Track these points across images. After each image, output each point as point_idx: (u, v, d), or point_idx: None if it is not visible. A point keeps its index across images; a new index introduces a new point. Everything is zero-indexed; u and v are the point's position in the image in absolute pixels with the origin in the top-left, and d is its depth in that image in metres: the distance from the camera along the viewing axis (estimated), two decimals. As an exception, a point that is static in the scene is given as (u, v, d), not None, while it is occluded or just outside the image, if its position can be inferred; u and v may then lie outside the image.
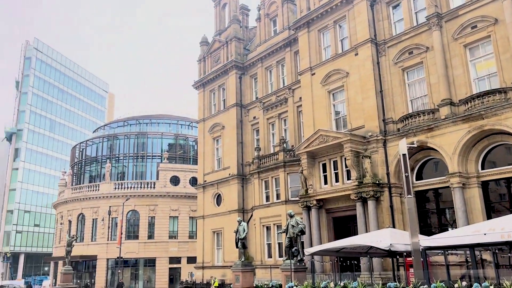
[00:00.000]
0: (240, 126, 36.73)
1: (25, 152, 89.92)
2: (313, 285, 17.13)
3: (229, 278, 31.77)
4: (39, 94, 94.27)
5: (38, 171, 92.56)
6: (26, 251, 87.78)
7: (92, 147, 60.80)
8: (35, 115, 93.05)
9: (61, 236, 56.23)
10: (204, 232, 37.67)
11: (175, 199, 52.87)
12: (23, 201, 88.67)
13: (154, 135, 58.59)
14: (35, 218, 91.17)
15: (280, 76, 34.95)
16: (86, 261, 52.41)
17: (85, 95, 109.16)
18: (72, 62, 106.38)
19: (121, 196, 50.73)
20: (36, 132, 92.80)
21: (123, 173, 57.27)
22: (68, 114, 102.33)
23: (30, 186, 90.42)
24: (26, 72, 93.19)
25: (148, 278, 51.37)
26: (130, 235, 51.27)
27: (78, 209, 54.15)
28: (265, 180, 31.65)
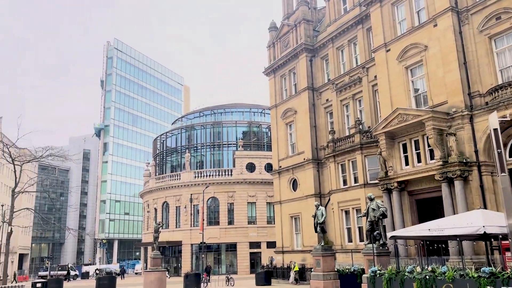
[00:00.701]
0: (313, 110, 36.21)
1: (112, 146, 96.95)
2: (397, 270, 16.48)
3: (309, 262, 31.80)
4: (121, 91, 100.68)
5: (125, 163, 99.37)
6: (119, 238, 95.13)
7: (171, 138, 63.79)
8: (119, 111, 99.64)
9: (148, 223, 60.05)
10: (282, 217, 37.97)
11: (252, 185, 53.87)
12: (113, 191, 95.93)
13: (228, 124, 59.94)
14: (125, 207, 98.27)
15: (352, 55, 33.78)
16: (172, 247, 55.50)
17: (162, 89, 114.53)
18: (148, 59, 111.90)
19: (201, 184, 52.78)
20: (120, 127, 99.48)
21: (201, 161, 59.48)
22: (148, 108, 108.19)
23: (118, 177, 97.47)
24: (109, 71, 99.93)
25: (230, 262, 53.18)
26: (211, 221, 53.29)
27: (162, 198, 57.34)
28: (341, 163, 30.99)
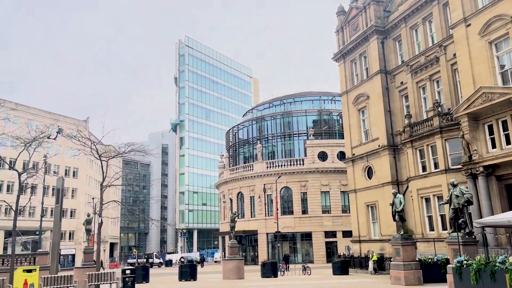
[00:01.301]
0: (387, 94, 34.75)
1: (188, 140, 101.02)
2: (487, 260, 15.34)
3: (388, 252, 30.78)
4: (194, 86, 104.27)
5: (200, 156, 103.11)
6: (198, 227, 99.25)
7: (243, 130, 64.91)
8: (193, 106, 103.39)
9: (224, 213, 61.90)
10: (357, 206, 37.10)
11: (325, 174, 53.22)
12: (191, 183, 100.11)
13: (298, 113, 59.61)
14: (202, 198, 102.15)
15: (427, 34, 31.81)
16: (248, 236, 56.74)
17: (232, 83, 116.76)
18: (218, 53, 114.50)
19: (273, 174, 53.18)
20: (195, 121, 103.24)
21: (273, 152, 59.89)
22: (219, 102, 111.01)
23: (195, 169, 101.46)
24: (181, 68, 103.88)
25: (306, 251, 53.19)
26: (285, 211, 53.59)
27: (236, 188, 58.72)
28: (419, 148, 29.46)
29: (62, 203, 22.88)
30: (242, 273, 29.61)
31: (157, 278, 33.20)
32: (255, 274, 33.17)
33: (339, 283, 24.19)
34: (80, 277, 21.32)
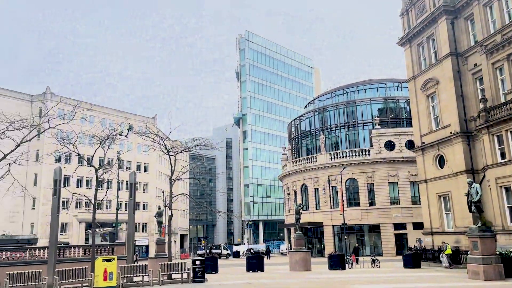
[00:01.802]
0: (458, 78, 32.62)
1: (251, 133, 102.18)
2: None
3: (463, 244, 29.10)
4: (255, 80, 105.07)
5: (263, 148, 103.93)
6: (263, 219, 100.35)
7: (305, 121, 64.33)
8: (254, 99, 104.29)
9: (289, 205, 61.93)
10: (429, 196, 35.36)
11: (392, 165, 51.32)
12: (255, 176, 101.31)
13: (362, 102, 57.90)
14: (266, 190, 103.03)
15: (504, 10, 29.33)
16: (314, 228, 56.32)
17: (293, 74, 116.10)
18: (278, 46, 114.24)
19: (338, 166, 52.23)
20: (257, 114, 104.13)
21: (336, 143, 58.80)
22: (281, 95, 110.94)
23: (258, 162, 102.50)
24: (242, 63, 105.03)
25: (374, 244, 51.79)
26: (351, 203, 52.48)
27: (300, 180, 58.44)
28: (497, 134, 27.37)
29: (135, 197, 24.13)
30: (309, 265, 29.46)
31: (225, 269, 34.03)
32: (322, 266, 32.87)
33: (411, 277, 23.25)
34: (154, 267, 22.37)
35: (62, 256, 25.89)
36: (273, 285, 18.82)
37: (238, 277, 24.55)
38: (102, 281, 18.80)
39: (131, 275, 20.84)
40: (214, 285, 19.57)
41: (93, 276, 19.30)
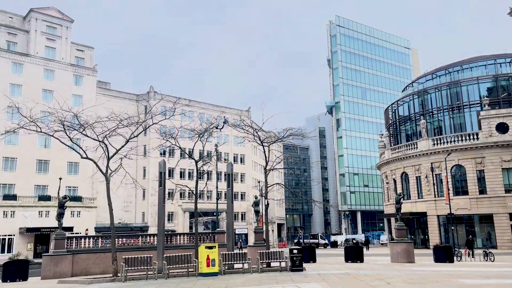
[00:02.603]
0: None
1: (344, 121, 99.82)
2: None
3: None
4: (347, 66, 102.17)
5: (358, 136, 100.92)
6: (360, 209, 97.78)
7: (403, 106, 60.93)
8: (347, 86, 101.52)
9: (388, 195, 59.37)
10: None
11: (506, 149, 46.40)
12: (350, 164, 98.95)
13: (468, 82, 53.09)
14: (363, 179, 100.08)
15: None
16: (416, 218, 53.33)
17: (388, 57, 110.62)
18: (371, 29, 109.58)
19: (442, 152, 48.67)
20: (350, 101, 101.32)
21: (439, 127, 54.81)
22: (375, 79, 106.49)
23: (354, 151, 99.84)
24: (333, 49, 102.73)
25: (487, 236, 47.47)
26: (458, 191, 48.67)
27: (400, 168, 55.61)
28: None
29: (232, 187, 24.97)
30: (412, 257, 27.96)
31: (323, 259, 33.81)
32: (426, 258, 31.02)
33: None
34: (253, 255, 22.99)
35: (170, 243, 27.80)
36: (374, 276, 18.19)
37: (337, 267, 24.19)
38: (205, 267, 19.81)
39: (232, 262, 21.65)
40: (313, 274, 19.50)
41: (197, 262, 20.43)
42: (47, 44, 64.80)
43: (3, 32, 62.64)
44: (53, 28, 65.99)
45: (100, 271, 24.05)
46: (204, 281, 18.09)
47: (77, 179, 61.55)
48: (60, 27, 66.63)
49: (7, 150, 56.58)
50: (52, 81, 63.14)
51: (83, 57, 69.32)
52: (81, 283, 19.23)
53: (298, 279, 17.64)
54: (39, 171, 59.85)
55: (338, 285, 15.47)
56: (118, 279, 19.31)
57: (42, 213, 56.58)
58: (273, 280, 17.67)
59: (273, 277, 18.82)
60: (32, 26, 64.09)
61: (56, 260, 23.58)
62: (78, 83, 66.28)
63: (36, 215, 56.00)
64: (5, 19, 64.28)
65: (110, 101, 57.93)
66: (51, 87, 61.69)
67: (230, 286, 16.22)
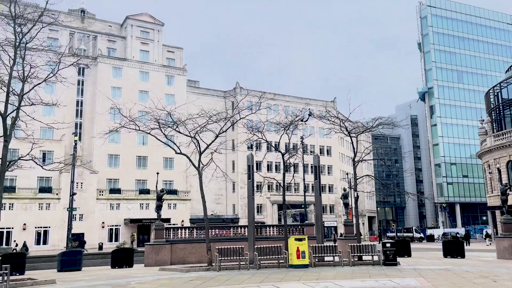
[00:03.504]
0: None
1: (439, 108, 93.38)
2: None
3: None
4: (440, 49, 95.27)
5: (455, 123, 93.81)
6: (459, 201, 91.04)
7: (507, 88, 55.26)
8: (441, 70, 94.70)
9: (492, 185, 54.43)
10: None
11: None
12: (447, 154, 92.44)
13: None
14: (462, 169, 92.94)
15: None
16: (526, 211, 48.22)
17: (488, 36, 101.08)
18: (467, 6, 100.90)
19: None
20: (445, 86, 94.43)
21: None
22: (473, 61, 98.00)
23: (450, 139, 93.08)
24: (424, 32, 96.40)
25: None
26: None
27: (505, 157, 50.61)
28: None
29: (320, 179, 24.71)
30: (523, 254, 25.33)
31: (418, 253, 32.13)
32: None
33: None
34: (343, 248, 22.58)
35: (259, 234, 28.38)
36: (477, 272, 16.83)
37: (434, 262, 22.81)
38: (295, 259, 19.92)
39: (322, 254, 21.48)
40: (408, 269, 18.61)
41: (287, 254, 20.61)
42: (141, 48, 69.64)
43: (104, 40, 68.61)
44: (146, 32, 70.67)
45: (196, 260, 25.35)
46: (295, 272, 18.20)
47: (172, 173, 65.50)
48: (152, 31, 71.14)
49: (111, 148, 62.00)
50: (147, 82, 67.74)
51: (174, 58, 73.35)
52: (179, 271, 20.45)
53: (392, 274, 16.95)
54: (139, 166, 64.76)
55: (437, 281, 14.57)
56: (212, 269, 20.19)
57: (143, 205, 61.25)
58: (365, 274, 17.20)
59: (365, 271, 18.33)
60: (128, 32, 69.25)
61: (157, 249, 25.35)
62: (170, 83, 70.31)
63: (137, 207, 60.81)
64: (105, 27, 70.29)
65: (200, 99, 60.55)
66: (146, 88, 66.20)
67: (321, 278, 16.11)
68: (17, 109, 18.28)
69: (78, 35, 66.94)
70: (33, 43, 19.50)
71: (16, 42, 18.66)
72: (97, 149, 60.78)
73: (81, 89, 64.77)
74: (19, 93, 18.32)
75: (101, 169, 61.02)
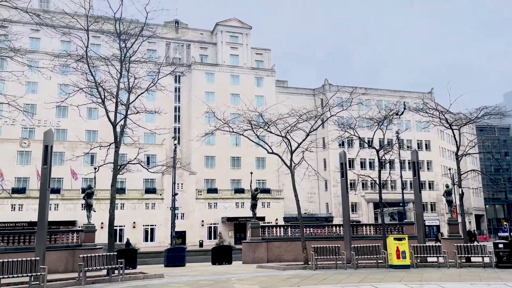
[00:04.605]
0: None
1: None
2: None
3: None
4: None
5: None
6: None
7: None
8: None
9: None
10: None
11: None
12: None
13: None
14: None
15: None
16: None
17: None
18: None
19: None
20: None
21: None
22: None
23: None
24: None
25: None
26: None
27: None
28: None
29: (419, 176, 23.36)
30: None
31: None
32: None
33: None
34: (448, 248, 21.12)
35: (355, 234, 27.68)
36: None
37: (558, 266, 20.27)
38: (395, 259, 19.10)
39: (424, 255, 20.33)
40: (526, 274, 16.81)
41: (386, 253, 19.83)
42: (231, 52, 72.08)
43: (197, 47, 72.27)
44: (235, 37, 72.96)
45: (292, 258, 25.52)
46: (395, 273, 17.45)
47: (264, 173, 66.75)
48: (241, 35, 73.23)
49: (207, 149, 65.04)
50: (237, 86, 69.90)
51: (262, 59, 74.71)
52: (276, 268, 20.77)
53: (507, 278, 15.45)
54: (233, 166, 67.06)
55: None
56: (309, 267, 20.17)
57: (238, 204, 63.31)
58: (475, 277, 15.91)
59: (475, 273, 16.96)
60: (218, 38, 72.12)
61: (254, 246, 26.02)
62: (259, 84, 71.74)
63: (233, 206, 63.02)
64: (197, 35, 73.99)
65: (289, 98, 60.86)
66: (237, 91, 68.30)
67: (424, 280, 15.25)
68: (125, 118, 20.04)
69: (173, 45, 71.33)
70: (135, 56, 21.24)
71: (121, 56, 20.47)
72: (195, 151, 64.20)
73: (177, 96, 68.97)
74: (125, 103, 20.07)
75: (199, 170, 64.31)
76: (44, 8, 61.67)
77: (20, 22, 40.19)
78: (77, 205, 54.38)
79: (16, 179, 56.09)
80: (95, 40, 47.10)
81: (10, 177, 52.85)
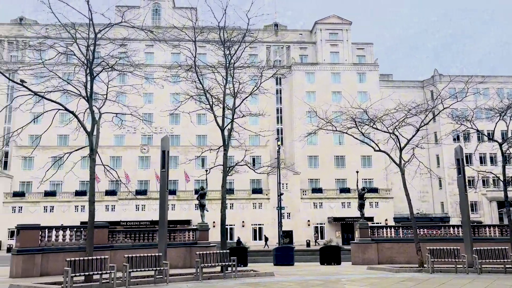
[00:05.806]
0: None
1: None
2: None
3: None
4: None
5: None
6: None
7: None
8: None
9: None
10: None
11: None
12: None
13: None
14: None
15: None
16: None
17: None
18: None
19: None
20: None
21: None
22: None
23: None
24: None
25: None
26: None
27: None
28: None
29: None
30: None
31: None
32: None
33: None
34: None
35: (476, 235, 25.33)
36: None
37: None
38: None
39: None
40: None
41: (516, 258, 17.82)
42: (331, 50, 71.07)
43: (296, 48, 72.65)
44: (335, 34, 71.77)
45: (405, 260, 24.24)
46: (527, 281, 15.57)
47: (370, 171, 64.45)
48: (341, 32, 71.81)
49: (310, 149, 64.92)
50: (338, 83, 68.62)
51: (364, 54, 72.36)
52: (388, 270, 19.91)
53: None
54: (337, 166, 65.96)
55: None
56: (425, 270, 19.00)
57: (344, 204, 62.03)
58: None
59: None
60: (318, 37, 71.62)
61: (363, 247, 25.27)
62: (361, 80, 69.57)
63: (339, 206, 61.92)
64: (296, 36, 74.37)
65: (395, 92, 57.99)
66: (338, 89, 67.07)
67: None
68: (232, 121, 20.94)
69: (273, 47, 72.65)
70: (239, 62, 22.08)
71: (226, 63, 21.44)
72: (298, 151, 64.54)
73: (279, 98, 70.04)
74: (232, 107, 20.97)
75: (303, 170, 64.48)
76: (156, 24, 67.38)
77: (136, 39, 44.58)
78: (191, 205, 58.23)
79: (138, 182, 61.99)
80: (201, 49, 50.09)
81: (133, 180, 58.68)
